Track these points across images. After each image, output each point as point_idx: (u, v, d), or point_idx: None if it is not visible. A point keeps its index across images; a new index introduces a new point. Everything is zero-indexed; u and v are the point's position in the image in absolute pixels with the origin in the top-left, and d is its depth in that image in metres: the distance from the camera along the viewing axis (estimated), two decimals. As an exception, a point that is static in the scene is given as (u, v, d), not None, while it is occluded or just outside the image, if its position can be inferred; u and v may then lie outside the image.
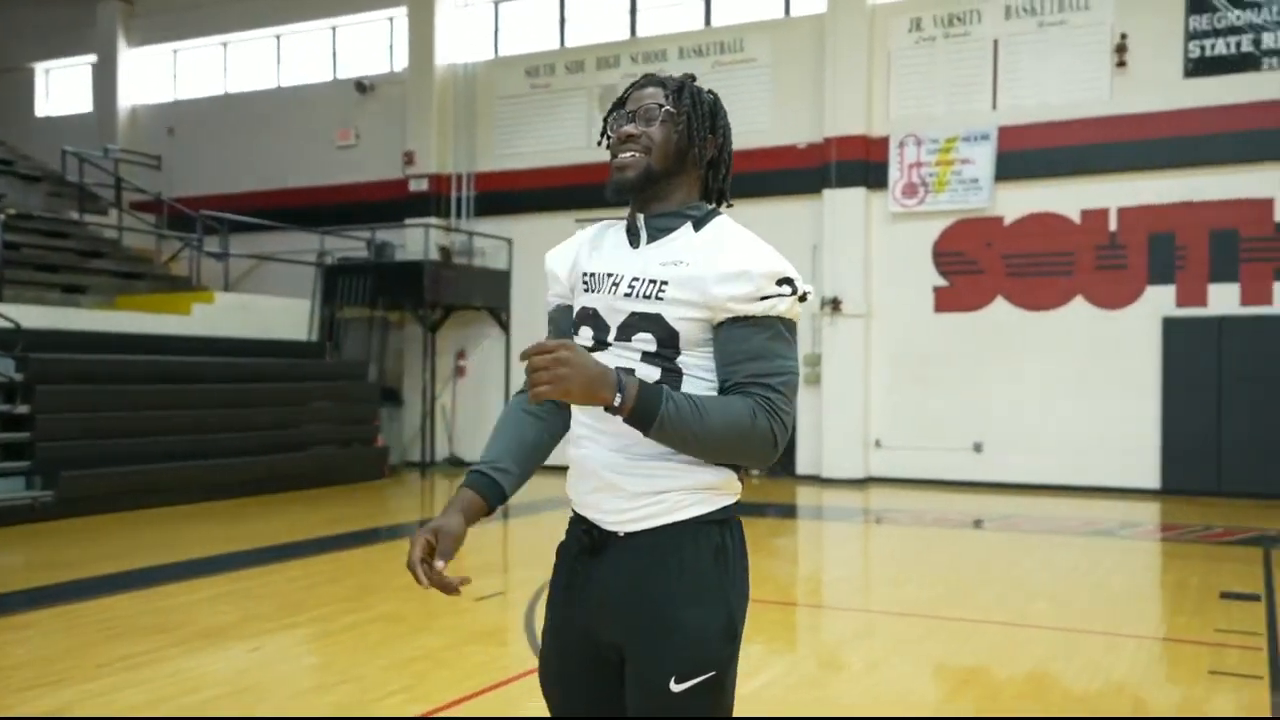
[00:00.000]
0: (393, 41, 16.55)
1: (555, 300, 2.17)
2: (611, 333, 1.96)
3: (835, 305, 13.18)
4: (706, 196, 2.05)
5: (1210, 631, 5.61)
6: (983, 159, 12.68)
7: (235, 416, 11.86)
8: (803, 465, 13.62)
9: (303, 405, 12.94)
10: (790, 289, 1.89)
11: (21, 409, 10.06)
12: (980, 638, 5.55)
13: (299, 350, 13.86)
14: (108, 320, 11.88)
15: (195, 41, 18.09)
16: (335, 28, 17.03)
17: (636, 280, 1.94)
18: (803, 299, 1.92)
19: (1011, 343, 12.60)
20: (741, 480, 1.99)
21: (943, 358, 12.91)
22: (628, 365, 1.91)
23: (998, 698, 4.52)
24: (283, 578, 7.03)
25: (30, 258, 13.15)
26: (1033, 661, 5.10)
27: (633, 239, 2.02)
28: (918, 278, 13.06)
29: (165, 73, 18.41)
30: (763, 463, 1.89)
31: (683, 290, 1.90)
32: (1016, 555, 8.39)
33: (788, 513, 11.30)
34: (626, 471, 1.91)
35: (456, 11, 15.87)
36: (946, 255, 12.96)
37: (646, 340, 1.92)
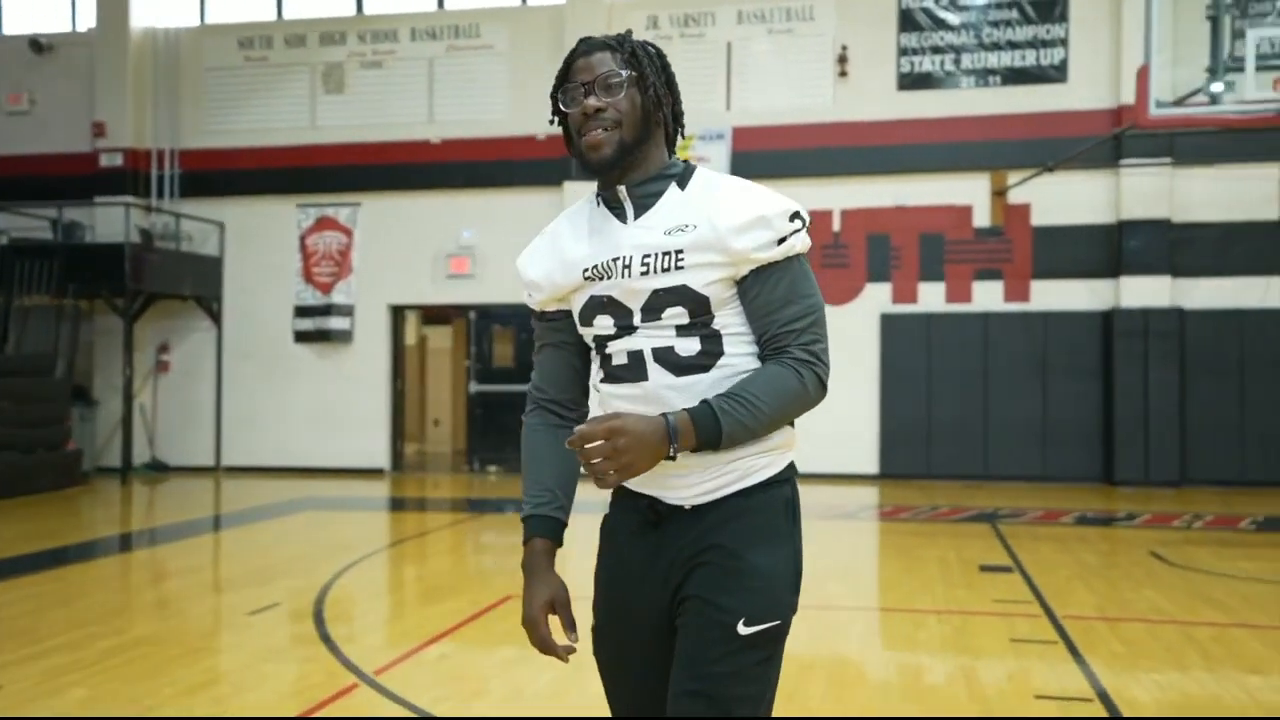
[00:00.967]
0: (77, -3, 14.75)
1: (539, 309, 2.05)
2: (635, 316, 1.89)
3: (576, 298, 13.09)
4: (670, 153, 1.99)
5: (991, 603, 5.97)
6: (718, 158, 13.03)
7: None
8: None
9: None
10: (802, 222, 1.88)
11: None
12: (800, 623, 5.58)
13: (-33, 343, 12.01)
14: None
15: None
16: (5, -24, 14.96)
17: (649, 256, 1.87)
18: (808, 227, 1.92)
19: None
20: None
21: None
22: (664, 343, 1.87)
23: (843, 680, 4.54)
24: (-5, 605, 5.97)
25: None
26: (858, 641, 5.20)
27: (619, 215, 1.94)
28: (656, 272, 13.22)
29: None
30: (816, 404, 1.91)
31: (701, 253, 1.84)
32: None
33: (519, 508, 11.07)
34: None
35: (156, -30, 14.38)
36: (684, 251, 13.20)
37: (678, 314, 1.86)
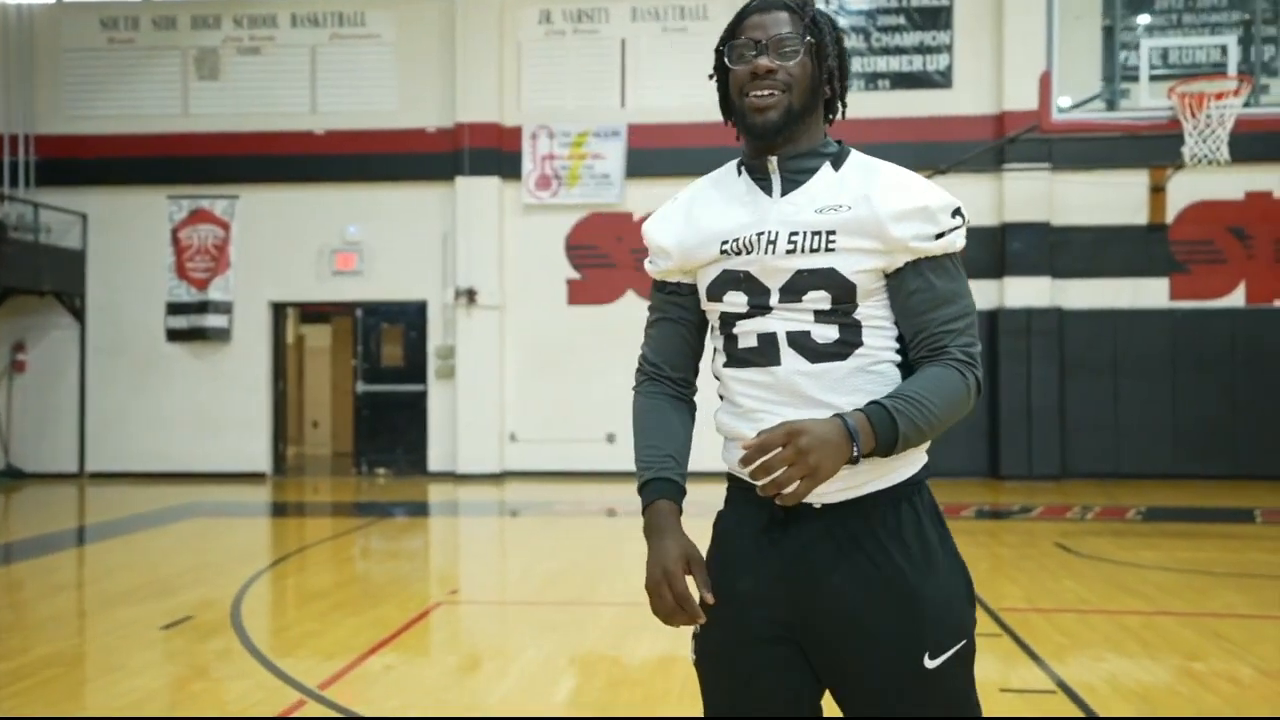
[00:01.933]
0: (-79, -32, 13.63)
1: (662, 278, 1.93)
2: (773, 295, 1.77)
3: (470, 296, 12.80)
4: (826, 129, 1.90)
5: None
6: (613, 155, 12.94)
7: None
8: (435, 462, 13.09)
9: None
10: (961, 218, 1.77)
11: None
12: (608, 621, 5.51)
13: None
14: None
15: None
16: None
17: (797, 234, 1.76)
18: (967, 224, 1.81)
19: (640, 336, 12.90)
20: None
21: (576, 350, 12.99)
22: (801, 328, 1.76)
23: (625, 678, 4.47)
24: None
25: None
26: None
27: (765, 188, 1.83)
28: (551, 270, 13.05)
29: None
30: (971, 411, 1.80)
31: (855, 237, 1.74)
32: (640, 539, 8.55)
33: (420, 511, 10.79)
34: None
35: (11, -58, 13.43)
36: (579, 248, 13.07)
37: (820, 298, 1.75)
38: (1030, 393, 12.28)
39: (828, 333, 1.75)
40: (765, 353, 1.78)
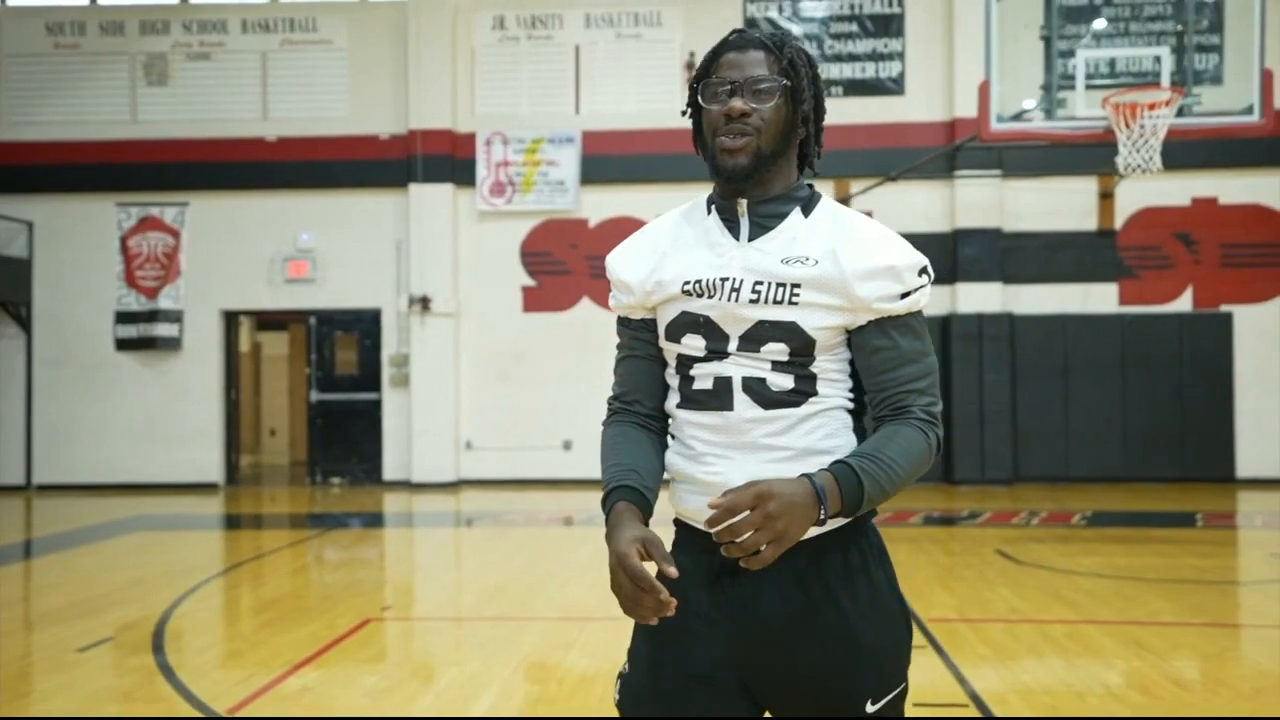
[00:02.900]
0: None
1: (625, 314, 1.92)
2: (732, 342, 1.77)
3: (424, 304, 12.74)
4: (802, 172, 1.87)
5: None
6: (568, 161, 12.92)
7: None
8: (390, 470, 13.02)
9: None
10: (928, 277, 1.78)
11: None
12: (538, 637, 5.48)
13: None
14: None
15: None
16: None
17: (761, 284, 1.74)
18: (932, 282, 1.81)
19: (597, 341, 12.94)
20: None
21: (532, 357, 12.96)
22: (757, 375, 1.75)
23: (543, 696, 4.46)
24: None
25: None
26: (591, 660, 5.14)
27: (732, 230, 1.80)
28: (507, 277, 13.01)
29: None
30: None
31: (819, 293, 1.73)
32: (599, 548, 8.53)
33: (373, 521, 10.70)
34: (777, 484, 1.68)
35: (-45, -53, 13.25)
36: (534, 255, 13.04)
37: (778, 350, 1.75)
38: (983, 398, 12.36)
39: (783, 381, 1.75)
40: (719, 396, 1.77)
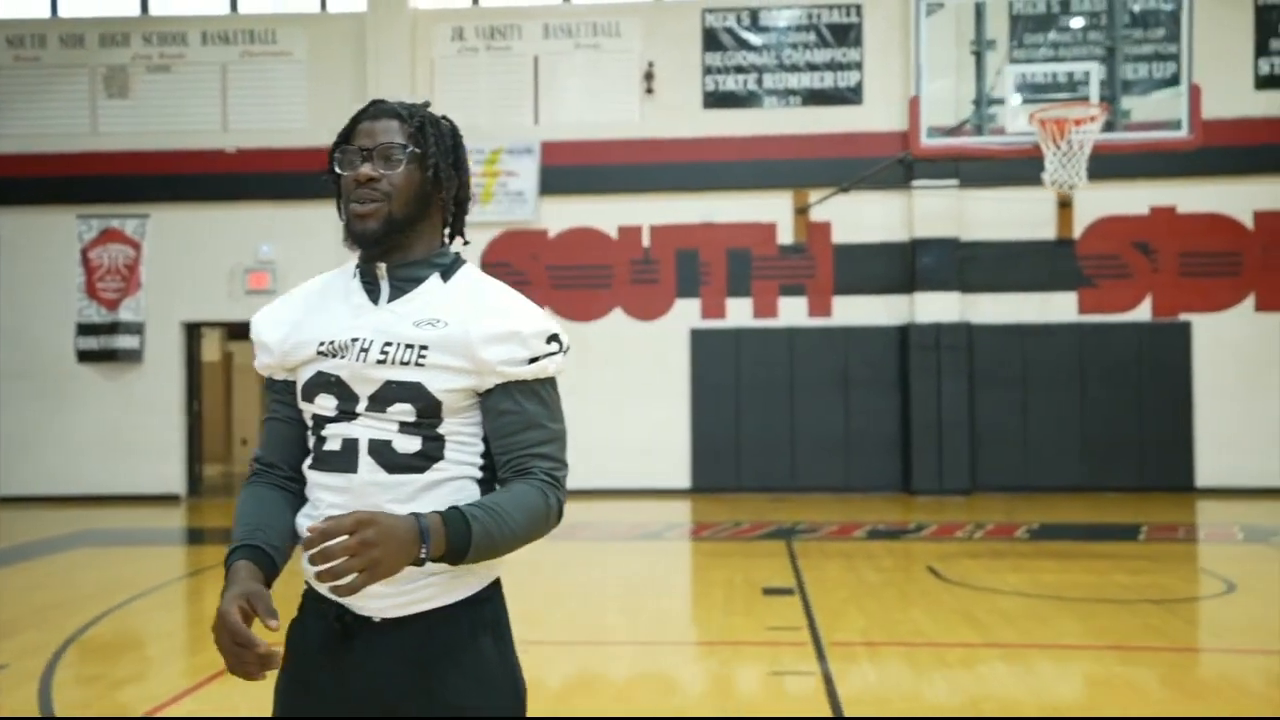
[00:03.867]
0: None
1: (268, 374, 1.93)
2: (361, 402, 1.77)
3: (381, 315, 12.73)
4: (449, 239, 1.93)
5: (764, 630, 6.02)
6: (527, 172, 12.91)
7: None
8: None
9: None
10: (558, 346, 1.81)
11: None
12: (569, 660, 5.51)
13: None
14: None
15: None
16: None
17: (390, 345, 1.76)
18: (566, 352, 1.84)
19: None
20: None
21: (490, 368, 12.95)
22: (383, 437, 1.75)
23: (593, 725, 4.47)
24: None
25: None
26: (623, 680, 5.13)
27: (372, 293, 1.83)
28: (465, 288, 12.99)
29: None
30: (547, 533, 1.80)
31: (446, 355, 1.75)
32: (583, 566, 8.53)
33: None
34: None
35: (-84, -40, 13.27)
36: (495, 266, 13.02)
37: (405, 410, 1.75)
38: (940, 407, 12.33)
39: (409, 444, 1.75)
40: (345, 458, 1.78)
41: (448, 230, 1.92)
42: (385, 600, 1.73)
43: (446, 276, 1.84)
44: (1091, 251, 12.48)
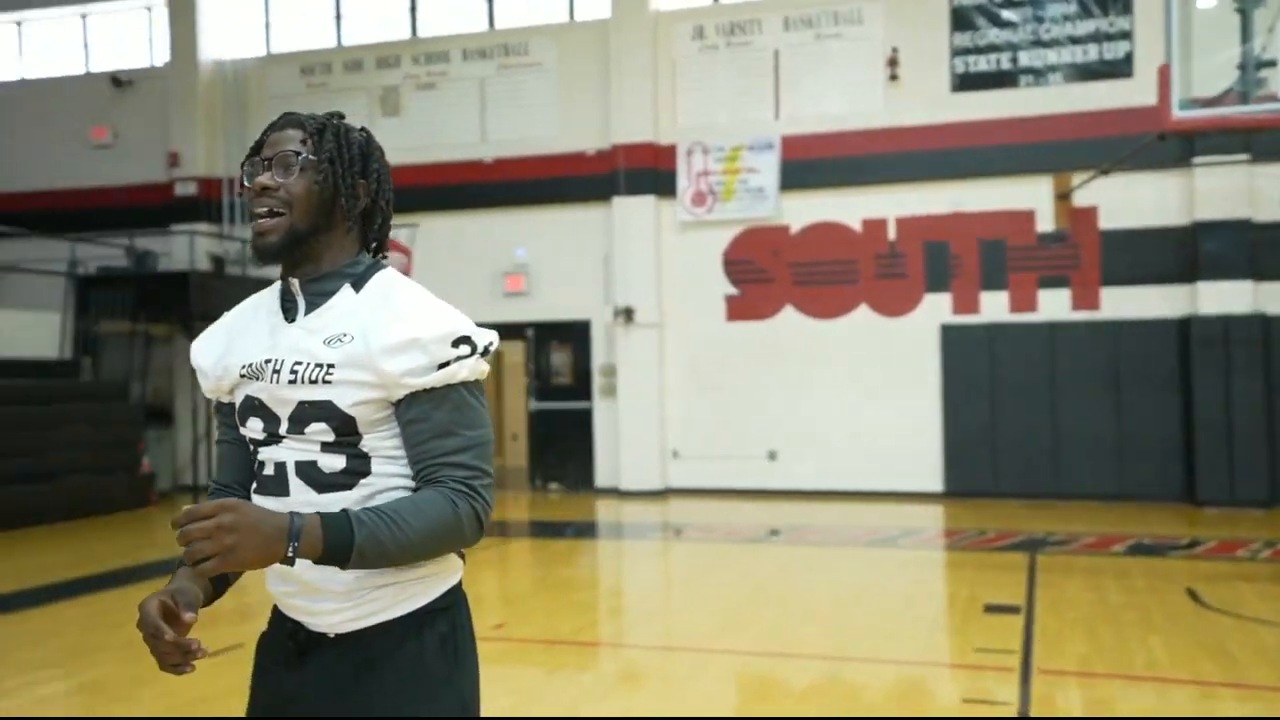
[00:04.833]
0: (152, 34, 15.34)
1: (212, 397, 1.95)
2: (283, 424, 1.77)
3: (629, 315, 12.98)
4: (365, 248, 1.86)
5: (970, 652, 5.59)
6: (767, 168, 12.73)
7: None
8: (601, 478, 13.37)
9: (53, 429, 11.71)
10: (469, 348, 1.72)
11: None
12: (747, 672, 5.35)
13: (48, 370, 12.62)
14: None
15: (-74, 28, 16.30)
16: (86, 15, 15.66)
17: (300, 364, 1.74)
18: (485, 353, 1.75)
19: (801, 350, 12.69)
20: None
21: (736, 366, 12.90)
22: (308, 458, 1.74)
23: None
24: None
25: None
26: (791, 700, 4.92)
27: (288, 310, 1.82)
28: (709, 286, 13.01)
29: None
30: (472, 544, 1.73)
31: (351, 370, 1.71)
32: (799, 571, 8.31)
33: (586, 531, 10.89)
34: (332, 571, 1.68)
35: (221, 4, 14.85)
36: (736, 264, 12.96)
37: (322, 430, 1.73)
38: (1231, 410, 11.01)
39: (334, 463, 1.73)
40: (278, 481, 1.78)
41: (373, 244, 1.88)
42: (337, 616, 1.73)
43: (358, 286, 1.79)
44: None
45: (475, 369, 1.73)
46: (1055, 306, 11.90)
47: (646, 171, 13.08)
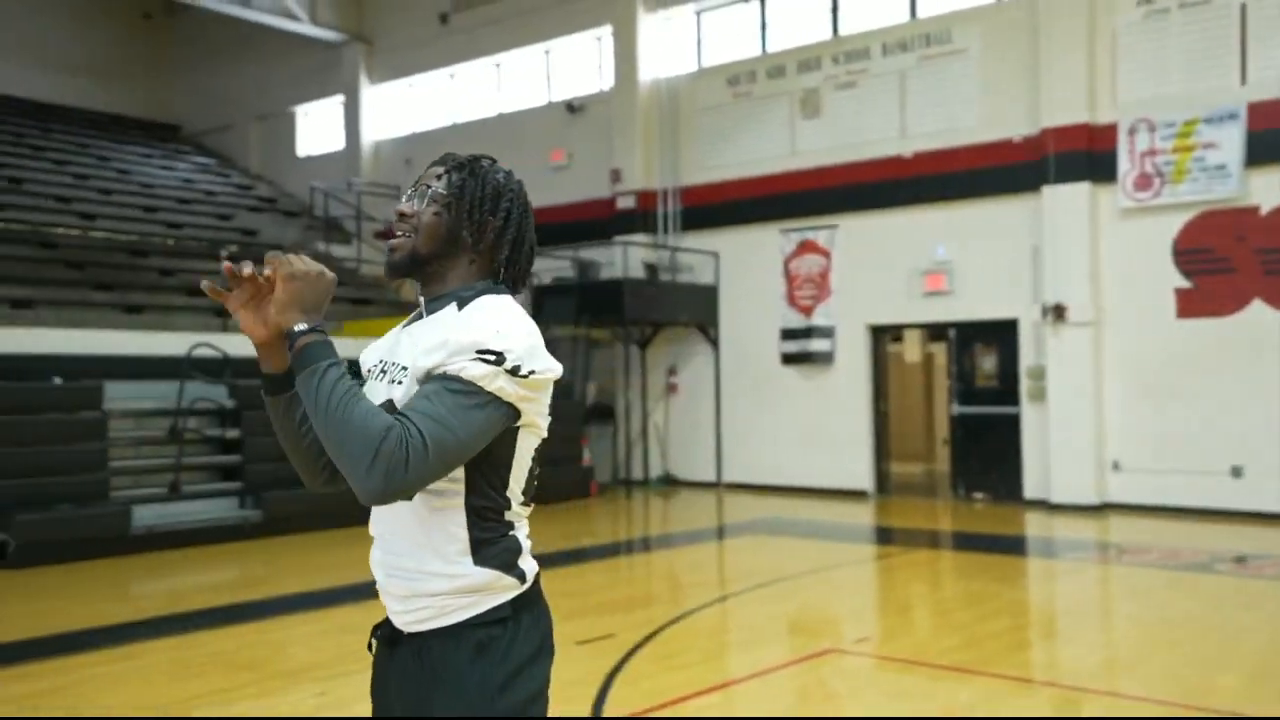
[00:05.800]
0: (601, 61, 16.67)
1: None
2: None
3: (1059, 313, 11.93)
4: (497, 279, 1.98)
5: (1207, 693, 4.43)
6: (1230, 142, 11.05)
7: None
8: (1030, 489, 12.42)
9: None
10: (494, 357, 1.76)
11: (233, 433, 10.82)
12: (968, 692, 4.66)
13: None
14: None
15: (427, 75, 19.02)
16: (549, 50, 17.38)
17: (391, 365, 1.94)
18: (515, 372, 1.78)
19: (1272, 350, 10.90)
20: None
21: (1189, 369, 11.37)
22: None
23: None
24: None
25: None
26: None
27: (416, 318, 2.01)
28: (1155, 280, 11.57)
29: (403, 107, 19.46)
30: (362, 484, 1.68)
31: (410, 373, 1.86)
32: (1237, 608, 7.10)
33: (1014, 547, 10.09)
34: (393, 574, 1.90)
35: (659, 26, 15.76)
36: (1189, 253, 11.41)
37: None
38: None
39: None
40: None
41: (500, 274, 1.98)
42: (402, 617, 1.90)
43: (462, 305, 1.90)
44: None
45: (488, 376, 1.75)
46: None
47: (1080, 155, 11.92)
